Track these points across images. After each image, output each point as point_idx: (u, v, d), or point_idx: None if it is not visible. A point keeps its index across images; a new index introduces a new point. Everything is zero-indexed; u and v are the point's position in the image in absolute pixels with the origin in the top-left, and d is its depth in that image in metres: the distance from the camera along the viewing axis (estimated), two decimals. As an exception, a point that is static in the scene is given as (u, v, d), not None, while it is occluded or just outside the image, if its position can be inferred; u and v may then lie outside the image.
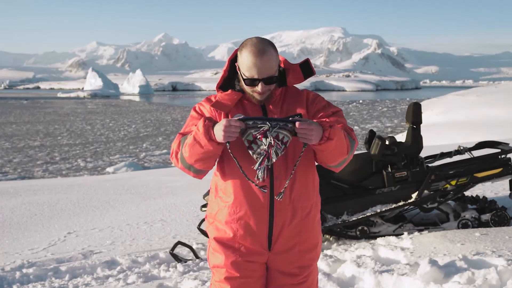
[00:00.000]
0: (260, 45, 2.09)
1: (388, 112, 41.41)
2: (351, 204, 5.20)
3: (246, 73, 2.11)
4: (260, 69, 2.08)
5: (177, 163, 2.20)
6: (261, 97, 2.17)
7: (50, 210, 7.35)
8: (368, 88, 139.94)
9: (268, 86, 2.14)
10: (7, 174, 16.04)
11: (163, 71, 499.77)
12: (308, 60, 2.29)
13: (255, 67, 2.07)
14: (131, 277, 4.59)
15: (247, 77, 2.12)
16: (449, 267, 3.68)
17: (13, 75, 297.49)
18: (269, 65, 2.09)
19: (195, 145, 2.07)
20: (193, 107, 2.28)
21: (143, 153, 20.28)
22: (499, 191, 6.58)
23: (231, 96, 2.20)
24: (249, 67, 2.08)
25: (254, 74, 2.09)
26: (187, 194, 8.07)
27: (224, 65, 2.25)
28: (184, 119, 36.79)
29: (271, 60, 2.09)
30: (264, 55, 2.07)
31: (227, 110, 2.18)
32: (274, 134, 2.00)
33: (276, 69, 2.14)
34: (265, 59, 2.07)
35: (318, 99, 2.27)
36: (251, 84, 2.13)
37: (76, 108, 52.55)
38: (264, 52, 2.08)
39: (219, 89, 2.27)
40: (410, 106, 5.30)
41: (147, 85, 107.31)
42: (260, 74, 2.09)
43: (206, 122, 2.06)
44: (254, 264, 2.24)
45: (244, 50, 2.11)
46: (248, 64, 2.08)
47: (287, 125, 2.01)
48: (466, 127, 18.08)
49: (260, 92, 2.14)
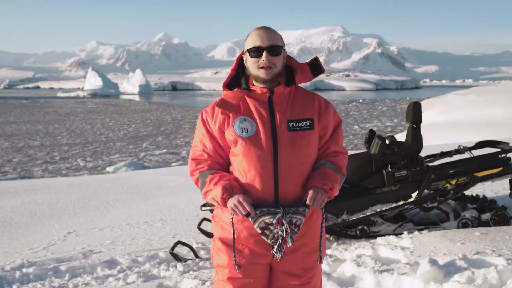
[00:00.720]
0: (264, 26, 2.23)
1: (388, 112, 41.40)
2: (351, 203, 5.20)
3: (251, 45, 2.17)
4: (264, 38, 2.15)
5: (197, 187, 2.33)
6: (266, 75, 2.16)
7: (50, 210, 7.35)
8: (368, 88, 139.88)
9: (272, 58, 2.15)
10: (6, 173, 16.04)
11: (163, 70, 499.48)
12: (317, 59, 2.31)
13: (259, 36, 2.16)
14: (131, 277, 4.58)
15: (251, 49, 2.17)
16: (449, 266, 3.68)
17: (13, 75, 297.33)
18: (272, 35, 2.17)
19: (214, 202, 2.24)
20: (200, 113, 2.31)
21: (143, 152, 20.29)
22: (499, 190, 6.58)
23: (236, 94, 2.23)
24: (254, 39, 2.17)
25: (258, 42, 2.15)
26: (187, 194, 8.07)
27: (224, 65, 2.27)
28: (184, 119, 36.80)
29: (274, 32, 2.19)
30: (267, 28, 2.20)
31: (231, 111, 2.21)
32: (287, 220, 2.11)
33: (281, 44, 2.19)
34: (268, 30, 2.19)
35: (329, 108, 2.31)
36: (256, 56, 2.16)
37: (76, 107, 52.56)
38: (267, 28, 2.20)
39: (226, 87, 2.29)
40: (410, 106, 5.30)
41: (147, 84, 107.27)
42: (263, 43, 2.15)
43: (224, 195, 2.16)
44: (257, 265, 2.26)
45: (249, 34, 2.22)
46: (252, 37, 2.18)
47: (298, 210, 2.12)
48: (466, 127, 18.09)
49: (265, 65, 2.15)
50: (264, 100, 2.20)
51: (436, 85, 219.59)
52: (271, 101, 2.20)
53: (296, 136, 2.18)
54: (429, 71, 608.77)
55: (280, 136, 2.16)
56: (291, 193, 2.18)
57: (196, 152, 2.31)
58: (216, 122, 2.24)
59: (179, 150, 20.81)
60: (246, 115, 2.20)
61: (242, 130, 2.17)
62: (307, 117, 2.20)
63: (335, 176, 2.24)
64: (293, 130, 2.17)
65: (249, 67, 2.20)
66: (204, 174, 2.24)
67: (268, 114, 2.19)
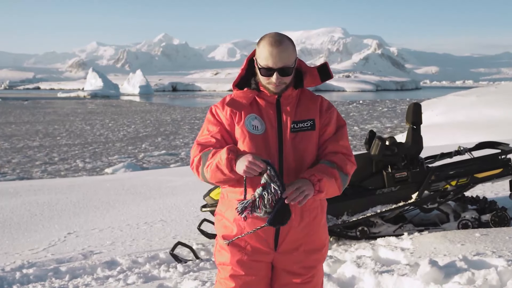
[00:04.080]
0: (278, 37, 2.15)
1: (388, 113, 41.42)
2: (351, 204, 5.20)
3: (262, 62, 2.15)
4: (276, 59, 2.12)
5: (198, 176, 2.26)
6: (276, 89, 2.19)
7: (50, 210, 7.35)
8: (368, 89, 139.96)
9: (283, 78, 2.16)
10: (5, 174, 16.04)
11: (163, 71, 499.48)
12: (326, 64, 2.33)
13: (271, 56, 2.12)
14: (131, 278, 4.59)
15: (262, 67, 2.15)
16: (449, 267, 3.68)
17: (13, 75, 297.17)
18: (284, 55, 2.13)
19: (217, 171, 2.13)
20: (210, 108, 2.31)
21: (142, 153, 20.28)
22: (499, 191, 6.58)
23: (246, 94, 2.25)
24: (265, 57, 2.13)
25: (270, 63, 2.13)
26: (187, 194, 8.08)
27: (225, 66, 2.27)
28: (184, 119, 36.79)
29: (287, 51, 2.13)
30: (280, 46, 2.12)
31: (241, 109, 2.22)
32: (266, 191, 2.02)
33: (292, 61, 2.17)
34: (280, 48, 2.12)
35: (331, 110, 2.30)
36: (267, 74, 2.16)
37: (76, 108, 52.57)
38: (280, 43, 2.12)
39: (236, 87, 2.30)
40: (410, 107, 5.30)
41: (147, 85, 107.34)
42: (275, 64, 2.12)
43: (230, 155, 2.09)
44: (259, 263, 2.28)
45: (262, 41, 2.17)
46: (264, 53, 2.13)
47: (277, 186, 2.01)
48: (466, 128, 18.09)
49: (274, 83, 2.16)
50: (273, 101, 2.23)
51: (436, 86, 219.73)
52: (279, 103, 2.23)
53: (297, 136, 2.21)
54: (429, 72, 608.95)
55: (285, 137, 2.20)
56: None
57: (203, 137, 2.27)
58: (227, 116, 2.25)
59: (178, 151, 20.81)
60: (256, 114, 2.22)
61: (253, 127, 2.20)
62: (309, 117, 2.23)
63: (328, 169, 2.17)
64: (295, 131, 2.21)
65: (260, 78, 2.22)
66: (206, 153, 2.20)
67: (276, 115, 2.22)
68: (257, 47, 2.20)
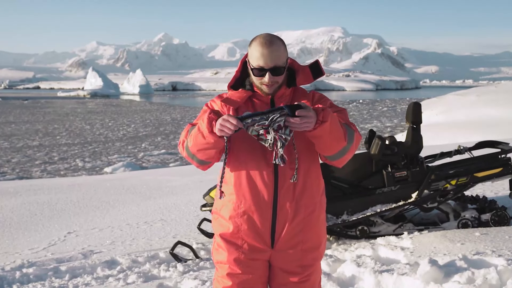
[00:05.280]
0: (268, 37, 2.18)
1: (388, 112, 41.42)
2: (351, 203, 5.20)
3: (254, 63, 2.17)
4: (267, 59, 2.14)
5: (182, 151, 2.31)
6: (269, 90, 2.22)
7: (50, 210, 7.35)
8: (368, 88, 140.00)
9: (275, 78, 2.18)
10: (5, 174, 16.02)
11: (163, 71, 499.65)
12: (317, 62, 2.36)
13: (262, 56, 2.14)
14: (131, 277, 4.59)
15: (254, 67, 2.18)
16: (449, 266, 3.68)
17: (13, 75, 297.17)
18: (276, 55, 2.15)
19: (198, 135, 2.15)
20: (206, 103, 2.36)
21: (142, 153, 20.27)
22: (499, 190, 6.58)
23: (241, 94, 2.28)
24: (257, 57, 2.16)
25: (262, 63, 2.15)
26: (187, 194, 8.08)
27: (224, 65, 2.28)
28: (184, 119, 36.81)
29: (278, 51, 2.16)
30: (271, 46, 2.15)
31: (236, 106, 2.25)
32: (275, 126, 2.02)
33: (284, 61, 2.19)
34: (272, 49, 2.14)
35: (324, 99, 2.33)
36: (259, 75, 2.18)
37: (76, 107, 52.56)
38: (271, 43, 2.15)
39: (231, 88, 2.34)
40: (410, 106, 5.30)
41: (147, 85, 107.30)
42: (267, 64, 2.15)
43: (211, 114, 2.13)
44: (256, 261, 2.28)
45: (253, 42, 2.20)
46: (256, 54, 2.16)
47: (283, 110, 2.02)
48: (466, 127, 18.08)
49: (267, 84, 2.19)
50: (267, 101, 2.27)
51: (436, 86, 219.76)
52: (273, 102, 2.27)
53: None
54: (429, 71, 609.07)
55: None
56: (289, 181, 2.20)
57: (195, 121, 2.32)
58: (223, 110, 2.27)
59: (177, 151, 20.81)
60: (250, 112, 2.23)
61: None
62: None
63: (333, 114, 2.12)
64: None
65: (252, 79, 2.25)
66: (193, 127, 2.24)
67: None
68: (249, 48, 2.23)
